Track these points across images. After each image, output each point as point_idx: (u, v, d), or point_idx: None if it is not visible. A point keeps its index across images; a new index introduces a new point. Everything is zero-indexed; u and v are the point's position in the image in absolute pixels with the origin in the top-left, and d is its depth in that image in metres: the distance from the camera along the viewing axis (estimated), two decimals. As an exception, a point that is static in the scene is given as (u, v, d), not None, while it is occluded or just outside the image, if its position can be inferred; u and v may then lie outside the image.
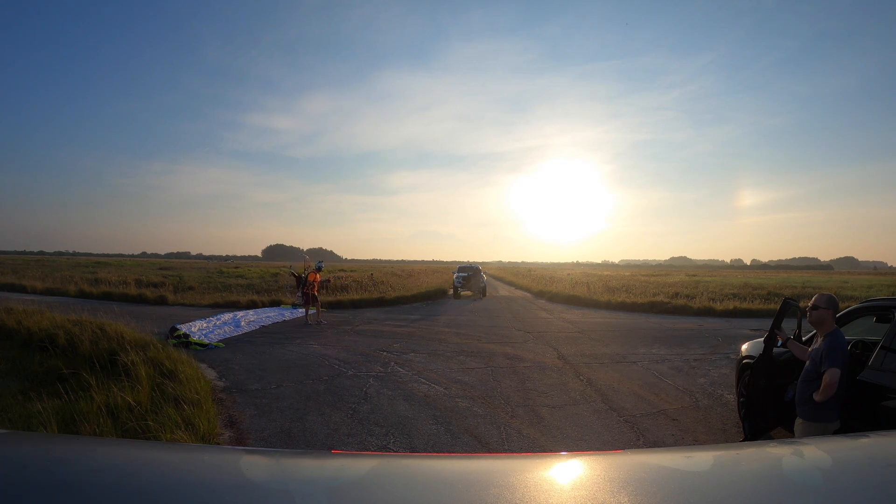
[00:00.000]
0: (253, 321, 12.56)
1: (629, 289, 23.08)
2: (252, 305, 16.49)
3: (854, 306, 4.10)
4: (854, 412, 3.25)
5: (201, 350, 8.64)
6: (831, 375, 3.03)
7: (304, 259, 13.78)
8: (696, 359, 8.38)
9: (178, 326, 9.87)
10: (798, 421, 3.30)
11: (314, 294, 12.27)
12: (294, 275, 12.75)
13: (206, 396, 5.34)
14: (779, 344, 3.97)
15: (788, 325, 3.97)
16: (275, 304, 16.88)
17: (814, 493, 0.84)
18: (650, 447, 4.43)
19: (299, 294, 12.54)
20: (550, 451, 4.35)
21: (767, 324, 4.18)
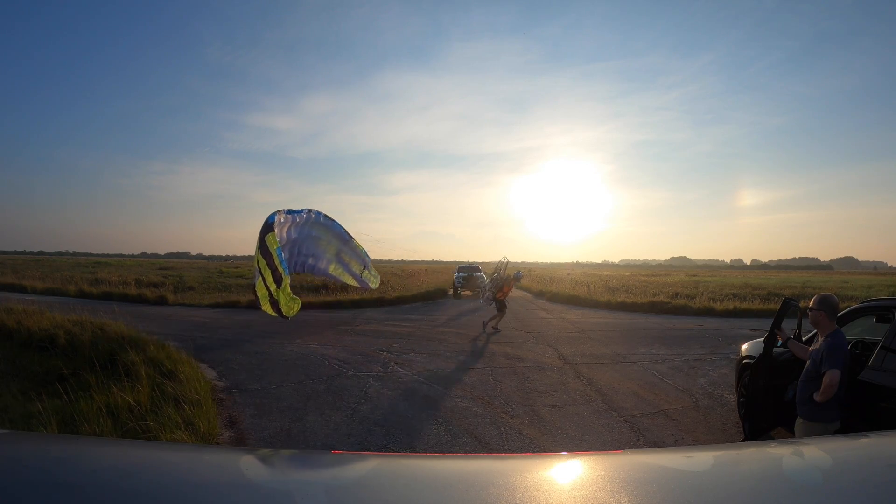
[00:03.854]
0: None
1: (629, 289, 23.05)
2: (253, 306, 16.47)
3: (854, 306, 4.10)
4: (854, 412, 3.25)
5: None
6: (831, 376, 3.03)
7: (505, 263, 12.78)
8: (696, 359, 8.38)
9: None
10: (798, 421, 3.29)
11: (504, 301, 12.03)
12: (498, 277, 12.19)
13: (206, 396, 5.34)
14: (779, 344, 3.96)
15: (788, 325, 3.97)
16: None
17: (814, 493, 0.84)
18: (650, 447, 4.43)
19: (491, 297, 12.11)
20: (550, 451, 4.35)
21: (767, 324, 4.18)
